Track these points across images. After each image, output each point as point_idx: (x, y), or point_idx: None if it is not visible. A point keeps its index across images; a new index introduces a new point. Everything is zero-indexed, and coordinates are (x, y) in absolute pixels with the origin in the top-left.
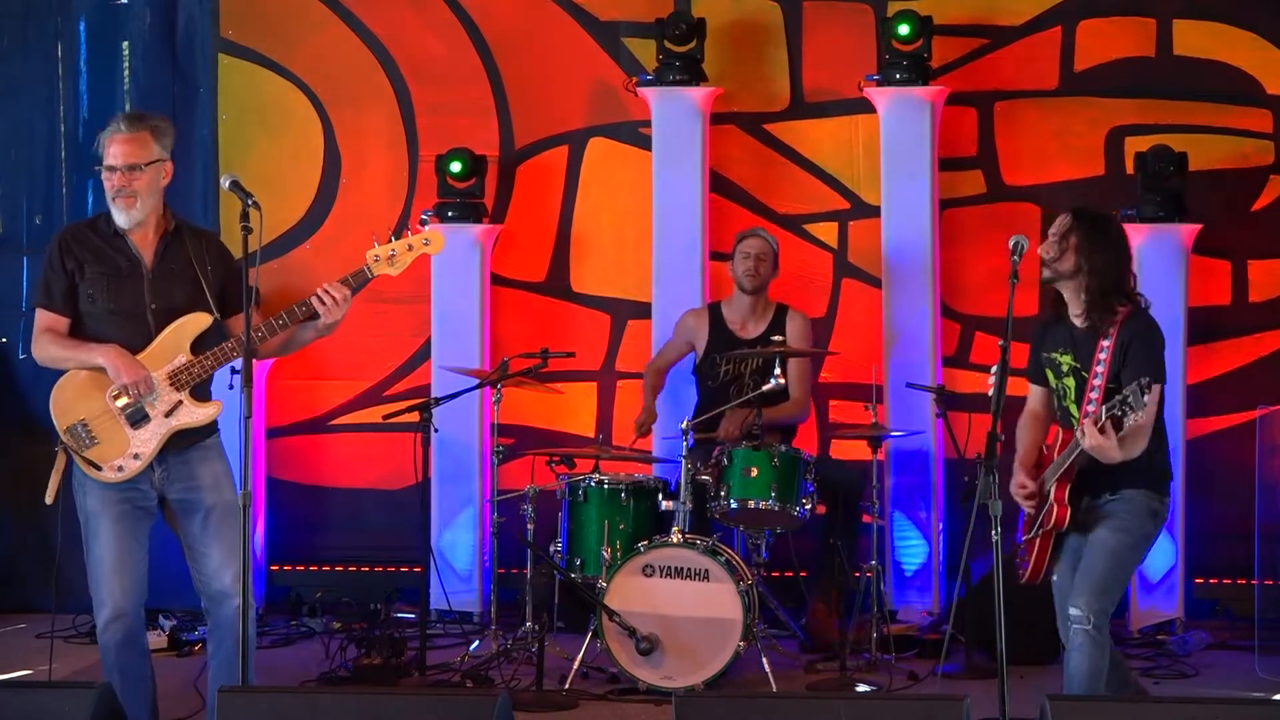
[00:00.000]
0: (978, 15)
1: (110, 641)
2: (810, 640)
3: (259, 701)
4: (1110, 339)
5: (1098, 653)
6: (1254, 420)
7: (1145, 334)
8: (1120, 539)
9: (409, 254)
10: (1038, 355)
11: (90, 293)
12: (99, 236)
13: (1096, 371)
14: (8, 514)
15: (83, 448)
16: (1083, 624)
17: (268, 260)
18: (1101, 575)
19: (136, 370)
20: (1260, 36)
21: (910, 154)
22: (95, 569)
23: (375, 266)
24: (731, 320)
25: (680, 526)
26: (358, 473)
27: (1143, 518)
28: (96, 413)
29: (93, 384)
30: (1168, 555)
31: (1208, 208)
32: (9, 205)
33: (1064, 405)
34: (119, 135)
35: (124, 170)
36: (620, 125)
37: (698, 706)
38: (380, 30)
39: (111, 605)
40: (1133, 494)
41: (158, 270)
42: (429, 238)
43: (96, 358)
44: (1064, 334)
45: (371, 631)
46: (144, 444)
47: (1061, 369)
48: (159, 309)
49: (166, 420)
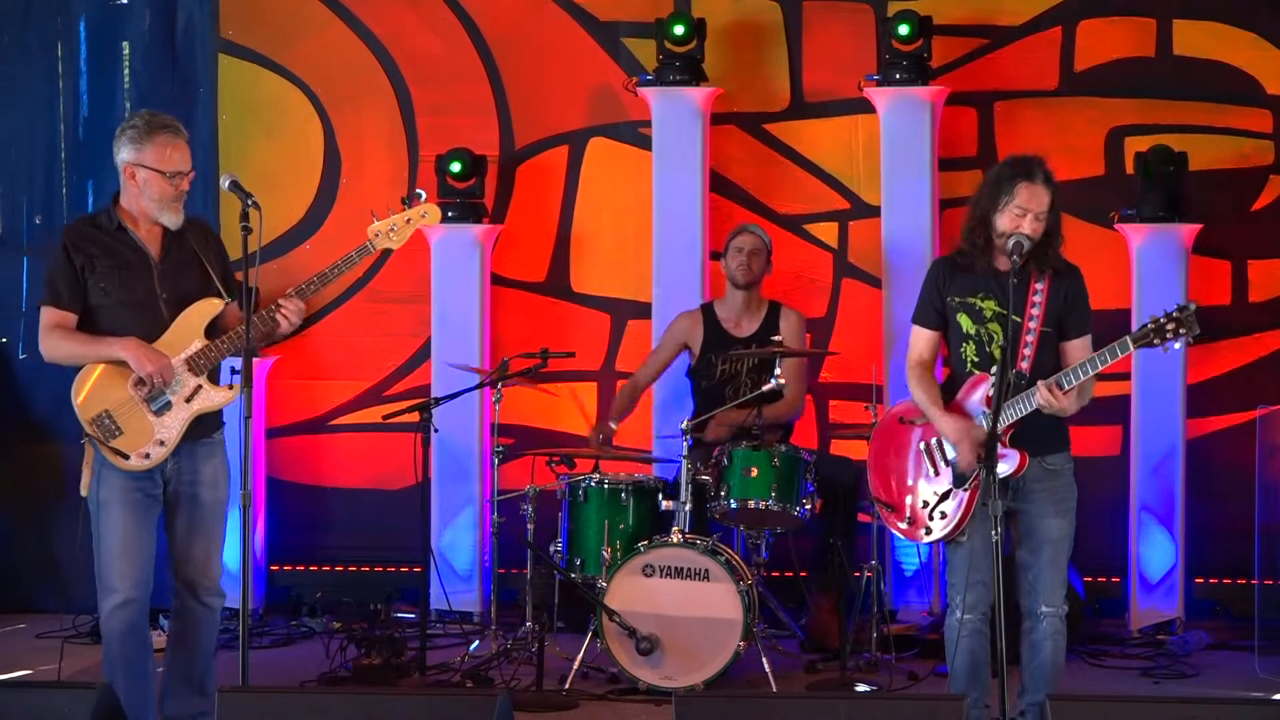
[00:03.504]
0: (978, 15)
1: (115, 629)
2: (810, 640)
3: (259, 701)
4: (1044, 284)
5: (1066, 634)
6: (1254, 420)
7: (1083, 286)
8: (1071, 525)
9: (408, 226)
10: (939, 298)
11: (103, 286)
12: (102, 232)
13: (1032, 315)
14: (8, 514)
15: (109, 438)
16: (1056, 615)
17: (267, 260)
18: (1064, 566)
19: (158, 360)
20: (1260, 36)
21: (910, 154)
22: (105, 557)
23: (378, 241)
24: (725, 319)
25: (680, 526)
26: (358, 473)
27: (1074, 492)
28: (120, 402)
29: (114, 374)
30: (1168, 555)
31: (1208, 208)
32: (9, 205)
33: (987, 350)
34: (178, 140)
35: (186, 175)
36: (620, 125)
37: (698, 706)
38: (380, 30)
39: (121, 591)
40: (1063, 463)
41: (166, 261)
42: (426, 210)
43: (117, 351)
44: (982, 279)
45: (371, 631)
46: (168, 430)
47: (984, 314)
48: (170, 298)
49: (188, 405)
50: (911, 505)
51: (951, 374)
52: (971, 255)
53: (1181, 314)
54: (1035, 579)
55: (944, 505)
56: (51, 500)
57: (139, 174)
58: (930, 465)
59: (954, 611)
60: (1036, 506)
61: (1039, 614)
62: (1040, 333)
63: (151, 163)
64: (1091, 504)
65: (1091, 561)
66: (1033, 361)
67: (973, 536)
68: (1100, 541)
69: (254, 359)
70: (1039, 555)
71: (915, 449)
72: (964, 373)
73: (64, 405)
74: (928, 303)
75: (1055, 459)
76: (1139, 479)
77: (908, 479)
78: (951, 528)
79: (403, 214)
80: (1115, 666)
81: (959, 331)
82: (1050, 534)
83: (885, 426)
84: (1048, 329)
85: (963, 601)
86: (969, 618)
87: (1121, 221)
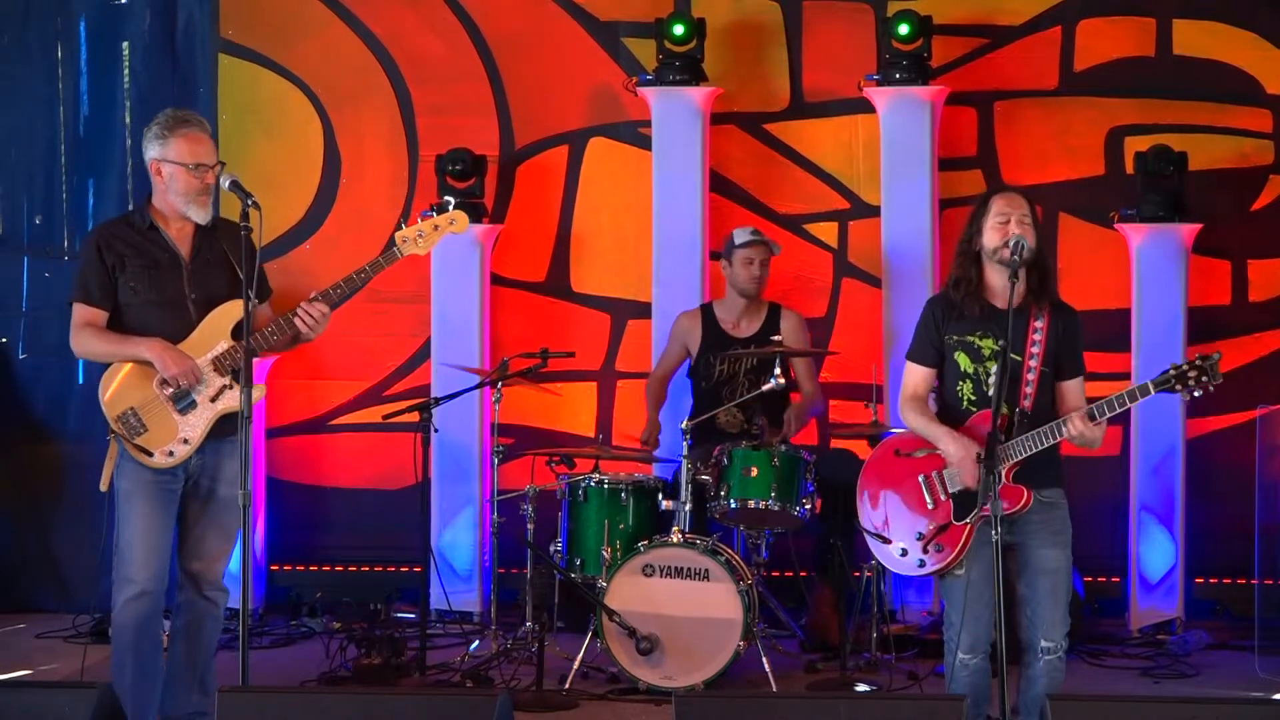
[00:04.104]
0: (978, 15)
1: (128, 621)
2: (810, 640)
3: (259, 701)
4: (1043, 322)
5: (1064, 672)
6: (1254, 420)
7: (1078, 324)
8: (1068, 557)
9: (436, 234)
10: (937, 336)
11: (133, 285)
12: (135, 231)
13: (1032, 353)
14: (8, 514)
15: (134, 435)
16: (1056, 654)
17: (268, 260)
18: (1063, 600)
19: (183, 361)
20: (1260, 36)
21: (910, 154)
22: (125, 549)
23: (404, 247)
24: (724, 320)
25: (680, 526)
26: (358, 473)
27: (1069, 525)
28: (146, 400)
29: (140, 372)
30: (1168, 555)
31: (1208, 208)
32: (9, 205)
33: (984, 389)
34: (201, 134)
35: (211, 169)
36: (620, 125)
37: (698, 706)
38: (380, 30)
39: (138, 583)
40: (1059, 498)
41: (196, 262)
42: (454, 218)
43: (142, 351)
44: (978, 316)
45: (371, 631)
46: (192, 428)
47: (982, 353)
48: (199, 299)
49: (213, 405)
50: (906, 537)
51: (944, 411)
52: (964, 290)
53: (1205, 363)
54: (1034, 612)
55: (941, 538)
56: (51, 500)
57: (165, 169)
58: (930, 497)
59: (951, 650)
60: (1033, 539)
61: (1038, 649)
62: (1040, 372)
63: (175, 157)
64: (1091, 504)
65: (1091, 561)
66: (1034, 399)
67: (970, 569)
68: (1100, 541)
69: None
70: (1037, 587)
71: (913, 481)
72: (961, 411)
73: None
74: (925, 340)
75: (1050, 493)
76: (1139, 479)
77: (903, 511)
78: (949, 560)
79: (431, 221)
80: (1115, 666)
81: (956, 370)
82: (1048, 564)
83: (880, 458)
84: (1046, 369)
85: (959, 638)
86: (968, 658)
87: (1121, 221)
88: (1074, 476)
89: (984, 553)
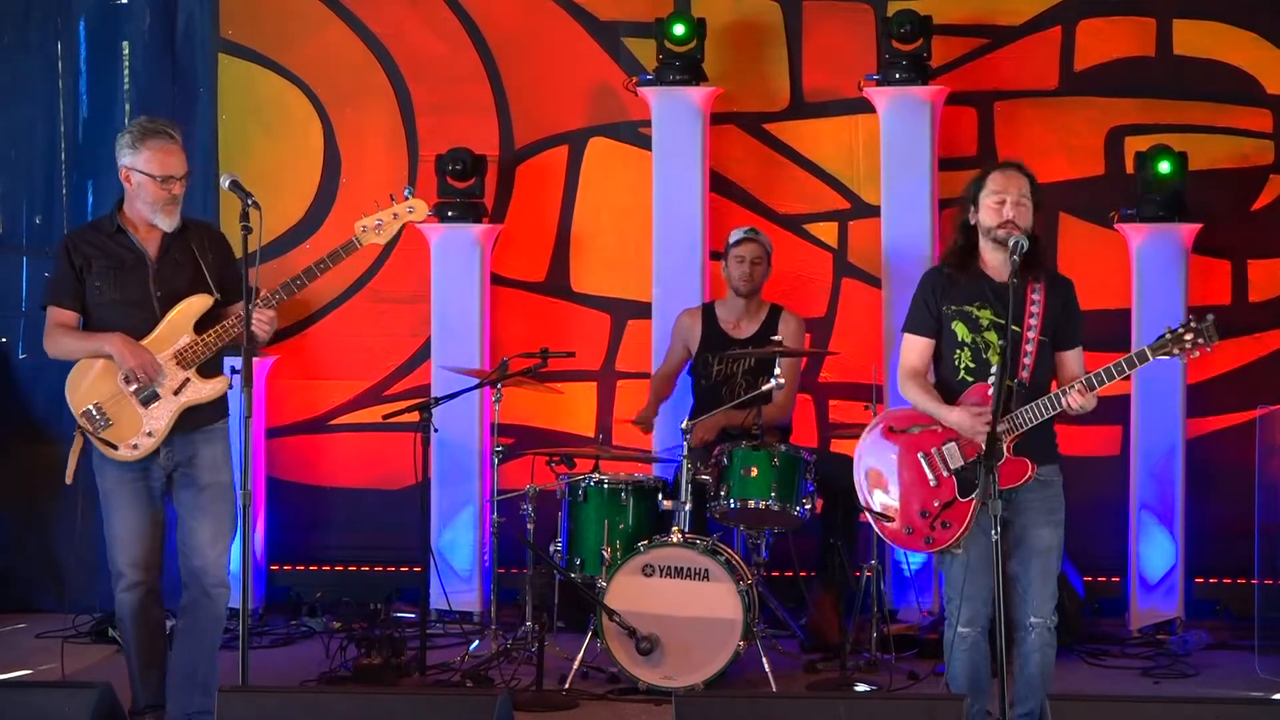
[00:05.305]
0: (978, 15)
1: (125, 611)
2: (810, 640)
3: (259, 701)
4: (1039, 294)
5: (1055, 645)
6: (1254, 420)
7: (1076, 296)
8: (1060, 536)
9: (395, 222)
10: (936, 307)
11: (98, 285)
12: (102, 234)
13: (1030, 324)
14: (8, 514)
15: (99, 429)
16: (1045, 626)
17: (267, 260)
18: (1053, 578)
19: (141, 355)
20: (1260, 36)
21: (910, 154)
22: (112, 544)
23: (364, 236)
24: (725, 320)
25: (680, 526)
26: (358, 473)
27: (1064, 503)
28: (109, 395)
29: (106, 370)
30: (1168, 555)
31: (1208, 207)
32: (9, 205)
33: (984, 358)
34: (172, 145)
35: (179, 180)
36: (620, 125)
37: (698, 706)
38: (380, 30)
39: (127, 575)
40: (1054, 474)
41: (163, 261)
42: (412, 205)
43: (104, 347)
44: (977, 287)
45: (371, 631)
46: (156, 421)
47: (980, 323)
48: (164, 296)
49: (176, 398)
50: (910, 515)
51: (940, 383)
52: (957, 261)
53: (1199, 324)
54: (1025, 590)
55: (947, 514)
56: (51, 500)
57: (134, 177)
58: (932, 474)
59: (952, 625)
60: (1028, 517)
61: (1028, 625)
62: (1038, 342)
63: (144, 167)
64: (1091, 504)
65: (1091, 561)
66: (1032, 371)
67: (970, 549)
68: (1100, 541)
69: (254, 359)
70: (1030, 566)
71: (912, 458)
72: (956, 380)
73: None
74: (923, 310)
75: (1046, 470)
76: (1139, 479)
77: (904, 488)
78: (957, 536)
79: (389, 209)
80: (1115, 666)
81: (953, 339)
82: (1040, 544)
83: (873, 439)
84: (1045, 338)
85: (958, 613)
86: (966, 631)
87: (1121, 221)
88: (1074, 476)
89: (981, 537)
